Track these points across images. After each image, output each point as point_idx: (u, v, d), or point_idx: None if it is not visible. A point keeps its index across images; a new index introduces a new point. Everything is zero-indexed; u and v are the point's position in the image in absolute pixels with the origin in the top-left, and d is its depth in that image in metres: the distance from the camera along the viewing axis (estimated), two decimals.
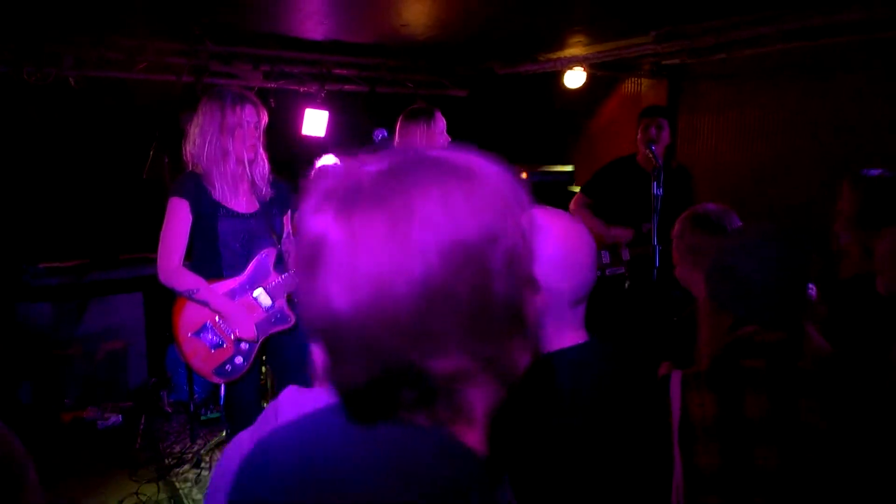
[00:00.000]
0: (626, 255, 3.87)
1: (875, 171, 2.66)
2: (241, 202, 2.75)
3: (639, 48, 4.60)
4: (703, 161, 5.45)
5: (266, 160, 2.80)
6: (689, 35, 4.17)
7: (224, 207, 2.68)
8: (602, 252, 3.99)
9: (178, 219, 2.62)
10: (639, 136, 4.04)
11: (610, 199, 4.11)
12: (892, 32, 3.68)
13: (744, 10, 3.78)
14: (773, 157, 4.96)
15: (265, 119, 2.75)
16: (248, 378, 2.78)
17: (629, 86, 6.06)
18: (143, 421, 4.35)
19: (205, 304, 2.64)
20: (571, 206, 4.31)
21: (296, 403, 1.15)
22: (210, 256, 2.69)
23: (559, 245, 1.24)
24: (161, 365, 4.95)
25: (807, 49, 4.27)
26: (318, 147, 5.07)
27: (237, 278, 2.72)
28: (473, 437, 0.66)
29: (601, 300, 1.37)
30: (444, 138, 3.56)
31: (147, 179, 4.07)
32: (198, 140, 2.65)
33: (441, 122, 3.56)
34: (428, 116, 3.53)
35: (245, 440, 1.22)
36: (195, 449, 4.13)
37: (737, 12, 3.84)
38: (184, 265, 2.68)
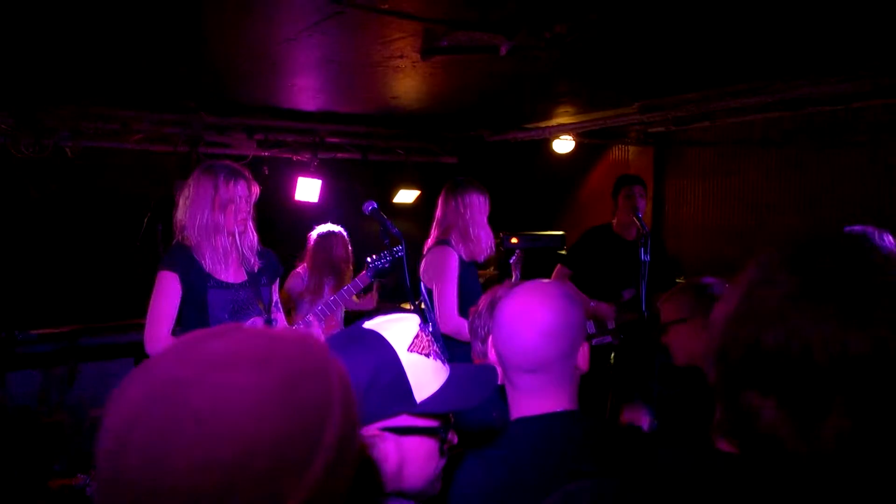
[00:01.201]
0: (611, 324, 3.92)
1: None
2: (230, 273, 2.79)
3: (624, 118, 4.74)
4: (689, 225, 5.54)
5: (254, 231, 2.85)
6: (671, 106, 4.31)
7: (213, 278, 2.72)
8: (587, 323, 4.04)
9: (168, 292, 2.65)
10: (620, 204, 4.10)
11: (589, 268, 4.13)
12: (872, 102, 3.81)
13: (722, 82, 3.92)
14: (756, 223, 5.04)
15: (256, 192, 2.82)
16: None
17: (617, 152, 6.21)
18: None
19: None
20: (553, 278, 4.35)
21: None
22: (199, 326, 2.70)
23: (503, 314, 1.33)
24: None
25: (788, 118, 4.40)
26: (312, 212, 5.17)
27: None
28: None
29: (595, 370, 1.40)
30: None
31: (140, 247, 4.13)
32: (188, 213, 2.69)
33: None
34: (486, 190, 3.56)
35: None
36: None
37: (715, 84, 3.97)
38: (173, 334, 2.70)
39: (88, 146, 4.12)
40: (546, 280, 1.43)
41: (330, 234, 4.29)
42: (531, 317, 1.30)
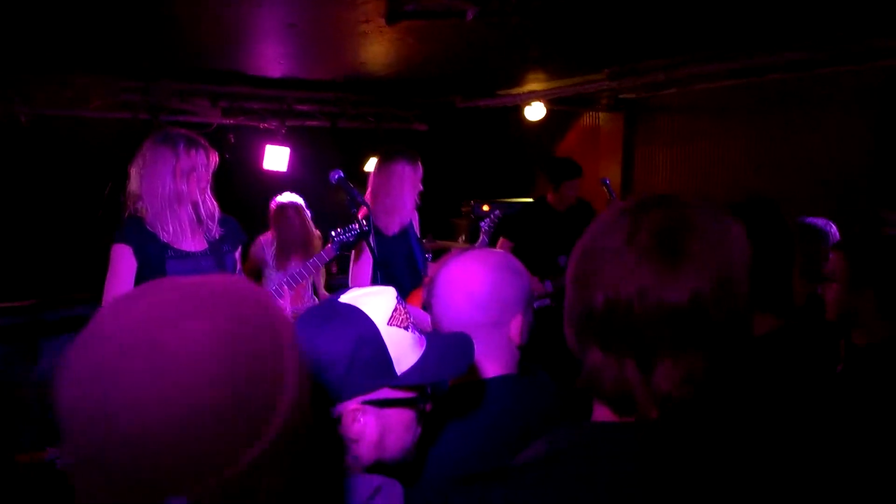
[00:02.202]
0: (549, 286, 4.09)
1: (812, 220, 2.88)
2: (190, 241, 2.73)
3: (595, 84, 4.72)
4: (658, 190, 5.58)
5: (213, 199, 2.79)
6: (641, 72, 4.31)
7: (172, 248, 2.66)
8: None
9: (122, 266, 2.60)
10: (561, 190, 4.32)
11: (528, 238, 4.34)
12: (832, 69, 3.85)
13: (691, 48, 3.92)
14: (724, 188, 5.10)
15: (215, 160, 2.76)
16: None
17: (588, 119, 6.21)
18: None
19: None
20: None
21: None
22: None
23: (440, 278, 1.39)
24: None
25: (755, 84, 4.43)
26: (281, 181, 5.09)
27: None
28: None
29: (534, 332, 1.42)
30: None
31: (102, 217, 4.03)
32: (145, 182, 2.62)
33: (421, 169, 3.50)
34: (414, 158, 3.46)
35: None
36: None
37: (684, 51, 3.97)
38: None
39: (44, 114, 3.98)
40: (494, 250, 1.45)
41: (283, 208, 4.23)
42: (462, 282, 1.33)
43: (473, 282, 1.32)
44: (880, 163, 4.28)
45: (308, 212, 4.31)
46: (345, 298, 1.09)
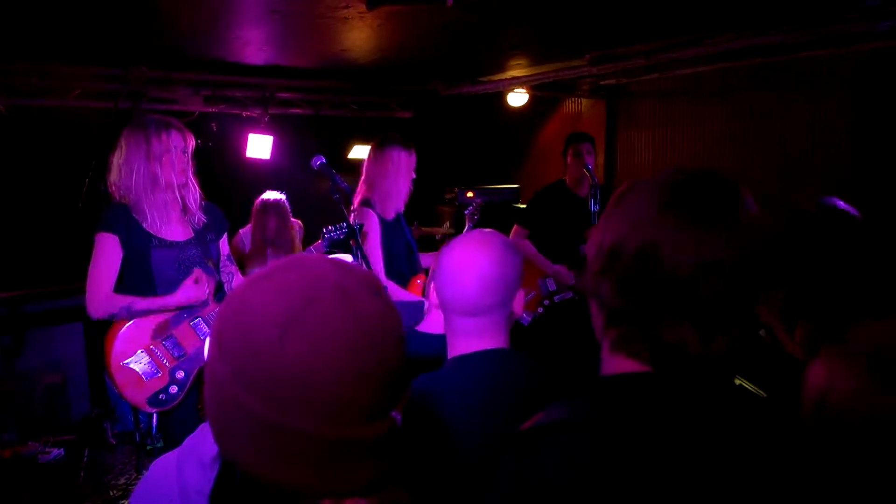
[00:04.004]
0: (571, 279, 3.99)
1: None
2: (174, 230, 2.73)
3: (576, 70, 4.75)
4: (641, 174, 5.61)
5: (197, 185, 2.79)
6: (621, 57, 4.34)
7: (156, 238, 2.66)
8: (547, 280, 4.09)
9: (108, 254, 2.59)
10: (569, 162, 4.19)
11: (545, 226, 4.19)
12: (809, 53, 3.90)
13: (670, 33, 3.95)
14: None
15: (192, 143, 2.75)
16: (184, 407, 2.75)
17: (570, 105, 6.24)
18: (86, 454, 4.24)
19: (147, 311, 2.60)
20: (511, 238, 4.37)
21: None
22: (144, 288, 2.65)
23: (445, 261, 1.42)
24: (104, 396, 4.84)
25: (734, 69, 4.48)
26: (264, 170, 5.08)
27: (177, 295, 2.69)
28: None
29: (558, 326, 1.48)
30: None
31: (83, 208, 4.01)
32: (123, 170, 2.61)
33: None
34: (409, 145, 3.50)
35: (172, 461, 1.22)
36: None
37: (664, 36, 4.00)
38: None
39: (23, 104, 3.93)
40: (487, 230, 1.49)
41: (265, 206, 4.23)
42: (471, 265, 1.37)
43: (481, 265, 1.37)
44: (857, 145, 4.36)
45: (290, 213, 4.33)
46: None
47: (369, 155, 3.51)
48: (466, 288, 1.37)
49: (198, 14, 3.13)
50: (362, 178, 3.53)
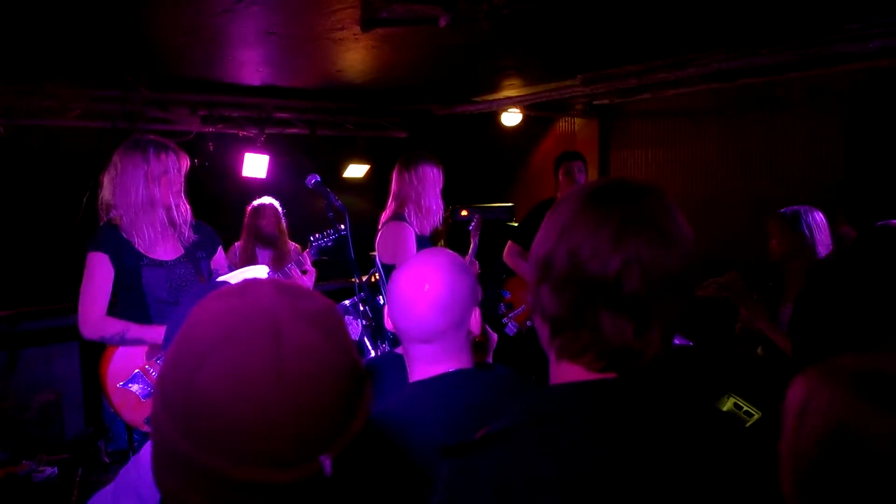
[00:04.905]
0: None
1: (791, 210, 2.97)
2: (165, 249, 2.74)
3: (569, 90, 4.81)
4: None
5: (187, 204, 2.81)
6: (613, 77, 4.40)
7: (147, 257, 2.67)
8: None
9: (99, 273, 2.60)
10: (561, 179, 4.29)
11: None
12: (801, 73, 3.95)
13: (662, 54, 4.01)
14: (698, 192, 5.21)
15: (186, 164, 2.77)
16: None
17: (563, 125, 6.30)
18: (79, 473, 4.22)
19: (139, 341, 2.62)
20: (505, 255, 4.42)
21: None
22: (136, 307, 2.67)
23: (394, 289, 1.40)
24: (98, 415, 4.83)
25: (726, 89, 4.54)
26: (260, 189, 5.11)
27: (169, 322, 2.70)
28: None
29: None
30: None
31: (80, 226, 4.03)
32: (119, 189, 2.63)
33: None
34: (438, 162, 3.58)
35: (108, 495, 1.21)
36: None
37: (655, 56, 4.07)
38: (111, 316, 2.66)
39: (22, 124, 3.97)
40: (435, 249, 1.48)
41: (258, 206, 4.25)
42: (422, 291, 1.34)
43: (431, 290, 1.34)
44: (849, 164, 4.41)
45: (282, 215, 4.33)
46: (223, 278, 1.17)
47: (397, 172, 3.56)
48: (420, 314, 1.34)
49: (194, 36, 3.18)
50: (391, 194, 3.57)
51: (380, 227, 3.55)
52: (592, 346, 0.88)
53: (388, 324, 1.44)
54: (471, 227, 4.25)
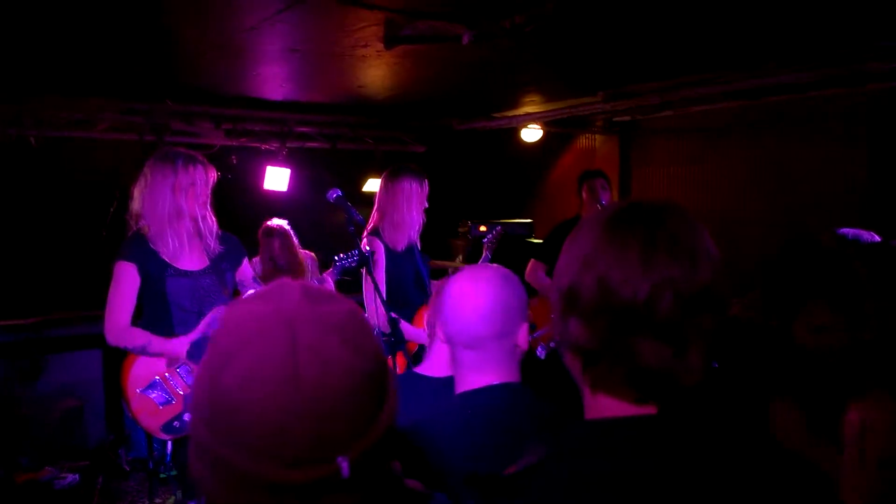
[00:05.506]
0: None
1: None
2: (191, 260, 2.79)
3: (590, 106, 4.81)
4: None
5: (213, 216, 2.86)
6: (635, 94, 4.40)
7: (172, 267, 2.72)
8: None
9: (126, 282, 2.66)
10: (585, 197, 4.26)
11: None
12: (824, 92, 3.92)
13: (684, 71, 4.00)
14: (721, 209, 5.16)
15: (213, 177, 2.83)
16: None
17: (583, 141, 6.30)
18: (100, 480, 4.27)
19: (160, 354, 2.66)
20: (528, 275, 4.40)
21: None
22: (160, 316, 2.72)
23: (446, 293, 1.45)
24: (120, 422, 4.88)
25: (749, 106, 4.52)
26: (281, 202, 5.17)
27: (190, 335, 2.75)
28: None
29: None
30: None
31: (107, 237, 4.11)
32: (147, 200, 2.70)
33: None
34: (421, 176, 3.50)
35: None
36: None
37: (678, 73, 4.06)
38: (136, 325, 2.71)
39: (52, 136, 4.07)
40: (489, 264, 1.52)
41: (269, 227, 4.29)
42: (470, 298, 1.41)
43: (478, 297, 1.40)
44: (873, 182, 4.35)
45: (293, 237, 4.36)
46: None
47: (381, 185, 3.52)
48: (466, 320, 1.40)
49: (220, 53, 3.25)
50: (375, 207, 3.56)
51: (362, 238, 3.54)
52: (630, 376, 0.85)
53: (438, 332, 1.51)
54: (485, 240, 4.23)
